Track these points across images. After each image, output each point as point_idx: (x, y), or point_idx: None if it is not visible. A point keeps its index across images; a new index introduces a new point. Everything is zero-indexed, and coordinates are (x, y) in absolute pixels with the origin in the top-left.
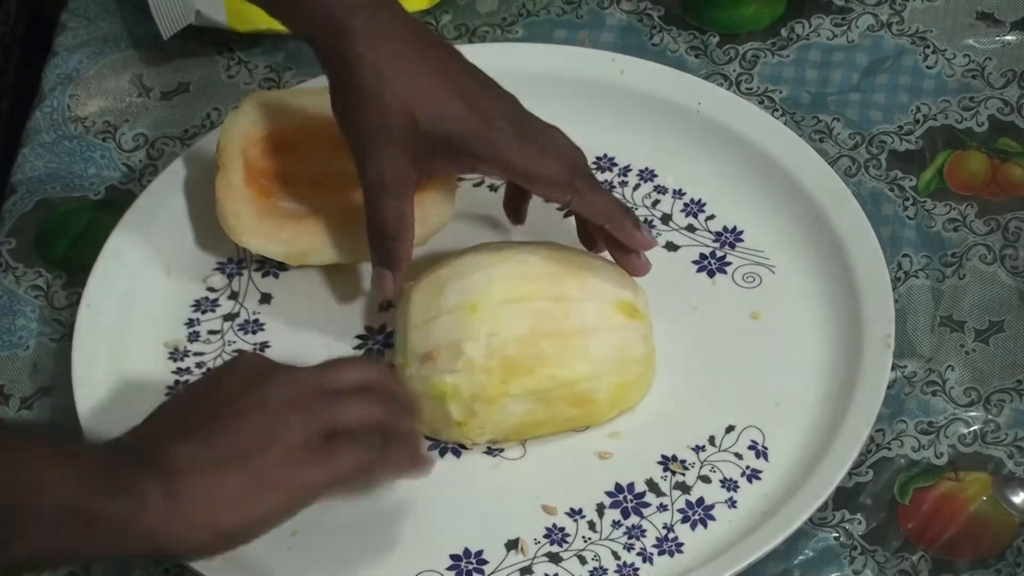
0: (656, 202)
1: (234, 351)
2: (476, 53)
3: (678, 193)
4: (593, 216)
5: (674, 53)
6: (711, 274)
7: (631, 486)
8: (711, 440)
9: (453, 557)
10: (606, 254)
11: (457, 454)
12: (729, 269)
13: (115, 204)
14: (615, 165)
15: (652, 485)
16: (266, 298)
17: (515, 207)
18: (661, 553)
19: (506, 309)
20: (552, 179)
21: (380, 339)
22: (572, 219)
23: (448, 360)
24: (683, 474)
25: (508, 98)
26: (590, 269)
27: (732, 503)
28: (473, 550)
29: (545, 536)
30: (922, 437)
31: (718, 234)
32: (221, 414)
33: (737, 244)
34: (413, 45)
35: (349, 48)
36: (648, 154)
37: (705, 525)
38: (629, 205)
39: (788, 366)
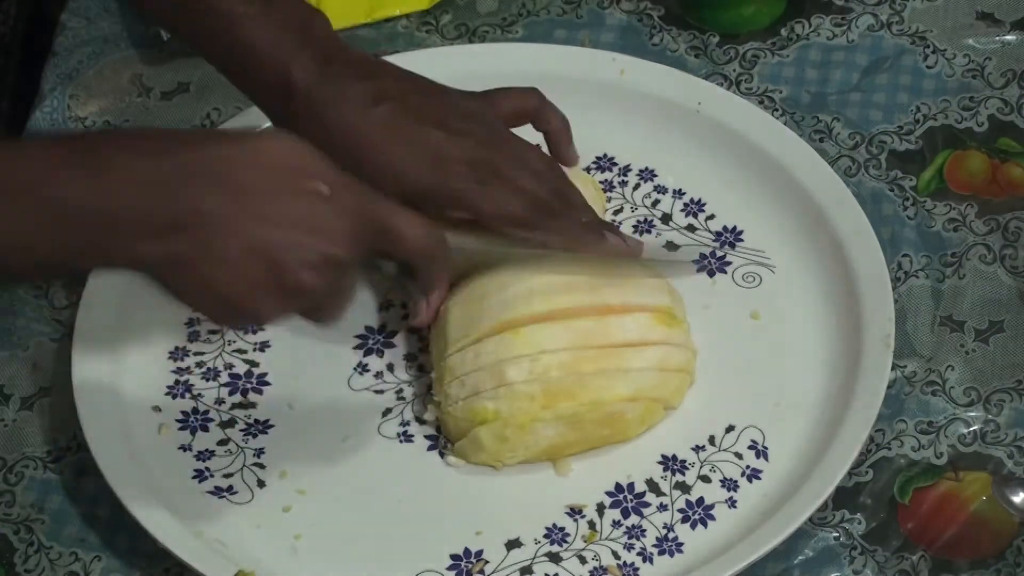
0: (656, 202)
1: (234, 351)
2: (476, 53)
3: (678, 193)
4: (564, 247)
5: (674, 53)
6: (711, 274)
7: (631, 486)
8: (711, 440)
9: (453, 557)
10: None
11: None
12: (729, 269)
13: None
14: (615, 165)
15: (652, 485)
16: None
17: (558, 154)
18: (661, 553)
19: (547, 328)
20: (514, 219)
21: (380, 338)
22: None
23: (490, 384)
24: (682, 472)
25: (468, 129)
26: (628, 276)
27: (732, 503)
28: (473, 550)
29: (545, 536)
30: (922, 437)
31: (718, 234)
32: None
33: (737, 244)
34: (364, 100)
35: (298, 114)
36: (648, 154)
37: (705, 525)
38: (628, 204)
39: (788, 366)
